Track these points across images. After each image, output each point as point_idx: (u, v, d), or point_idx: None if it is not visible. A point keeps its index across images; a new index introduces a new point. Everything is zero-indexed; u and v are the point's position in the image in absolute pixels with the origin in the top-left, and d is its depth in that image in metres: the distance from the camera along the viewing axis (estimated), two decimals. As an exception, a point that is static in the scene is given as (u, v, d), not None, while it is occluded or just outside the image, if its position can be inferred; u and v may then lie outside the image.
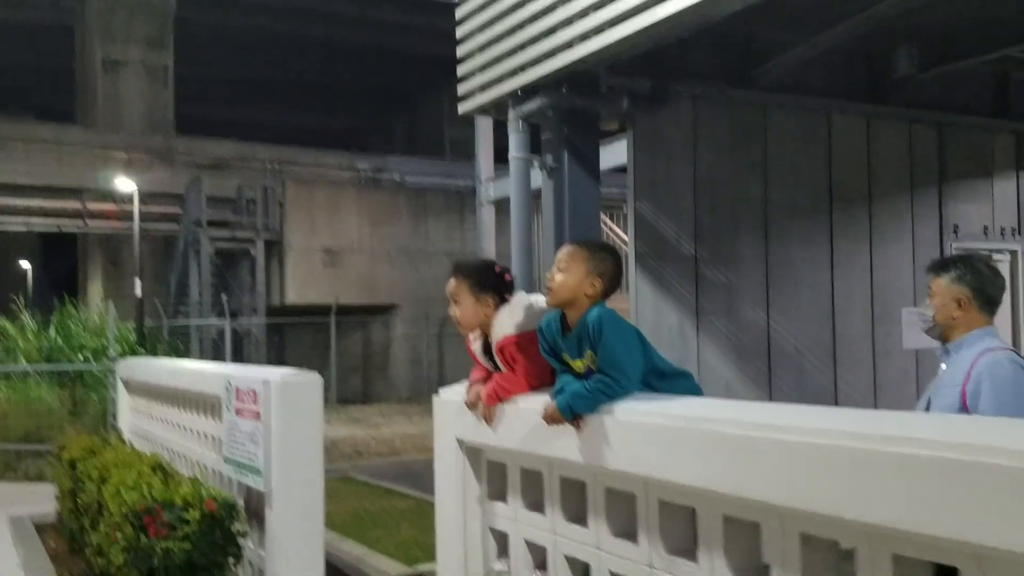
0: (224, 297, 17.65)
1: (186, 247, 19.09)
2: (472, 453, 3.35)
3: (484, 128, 10.75)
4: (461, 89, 6.58)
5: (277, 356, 20.27)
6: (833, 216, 8.26)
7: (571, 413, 2.61)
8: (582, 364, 2.72)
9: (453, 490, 3.38)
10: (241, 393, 5.05)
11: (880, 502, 1.79)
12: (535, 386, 2.96)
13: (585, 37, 5.24)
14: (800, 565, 2.08)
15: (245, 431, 4.96)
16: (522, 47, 5.85)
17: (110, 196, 18.28)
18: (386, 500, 9.27)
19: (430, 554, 7.01)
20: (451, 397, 3.45)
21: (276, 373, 4.74)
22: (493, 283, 3.02)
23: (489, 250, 10.92)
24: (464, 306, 2.98)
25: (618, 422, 2.54)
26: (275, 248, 20.03)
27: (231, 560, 4.70)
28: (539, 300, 3.03)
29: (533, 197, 6.48)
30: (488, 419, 3.00)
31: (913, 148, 8.97)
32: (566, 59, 5.50)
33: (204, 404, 5.84)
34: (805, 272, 7.93)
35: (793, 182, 7.95)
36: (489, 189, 10.56)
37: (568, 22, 5.39)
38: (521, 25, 5.83)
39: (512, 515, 3.16)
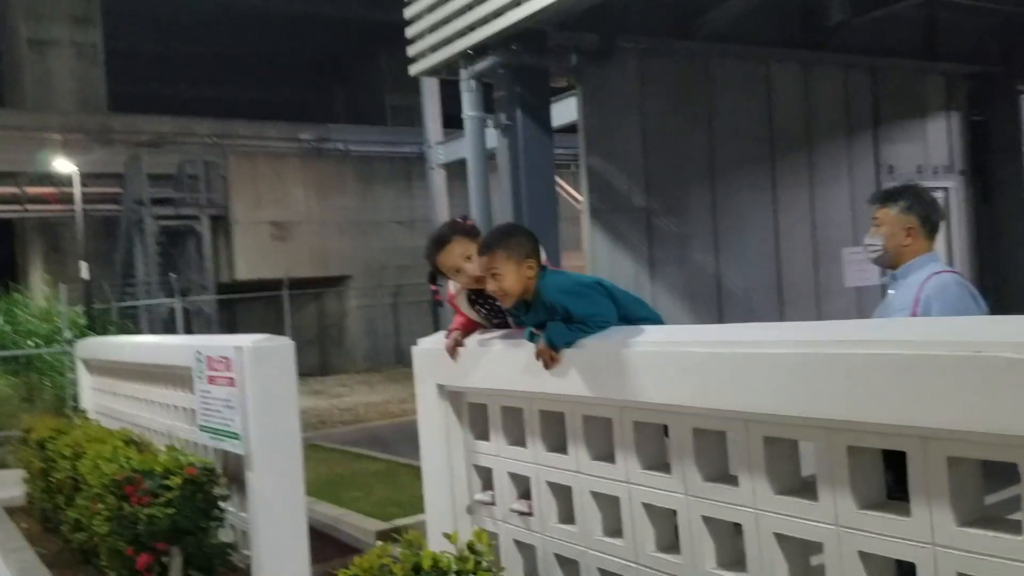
0: (172, 276, 17.46)
1: (129, 227, 18.79)
2: (454, 397, 3.52)
3: (431, 91, 10.78)
4: (411, 51, 6.65)
5: (229, 333, 20.11)
6: (775, 162, 8.53)
7: (553, 347, 2.79)
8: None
9: (437, 433, 3.55)
10: (213, 361, 5.14)
11: (834, 399, 2.00)
12: None
13: (532, -6, 5.37)
14: (765, 467, 2.30)
15: (220, 398, 5.05)
16: (470, 6, 5.93)
17: (48, 179, 17.88)
18: (357, 464, 9.42)
19: (406, 510, 7.25)
20: (430, 346, 3.61)
21: (248, 339, 4.83)
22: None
23: (442, 214, 11.02)
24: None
25: (593, 353, 2.73)
26: (221, 224, 19.81)
27: (214, 524, 4.82)
28: None
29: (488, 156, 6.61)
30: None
31: (848, 92, 9.26)
32: (515, 16, 5.61)
33: (173, 377, 5.90)
34: (751, 217, 8.20)
35: (737, 130, 8.18)
36: (439, 153, 10.62)
37: (515, -20, 5.50)
38: (469, -16, 5.91)
39: (495, 451, 3.34)
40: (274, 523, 4.75)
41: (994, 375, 1.68)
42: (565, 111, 7.07)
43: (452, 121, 12.00)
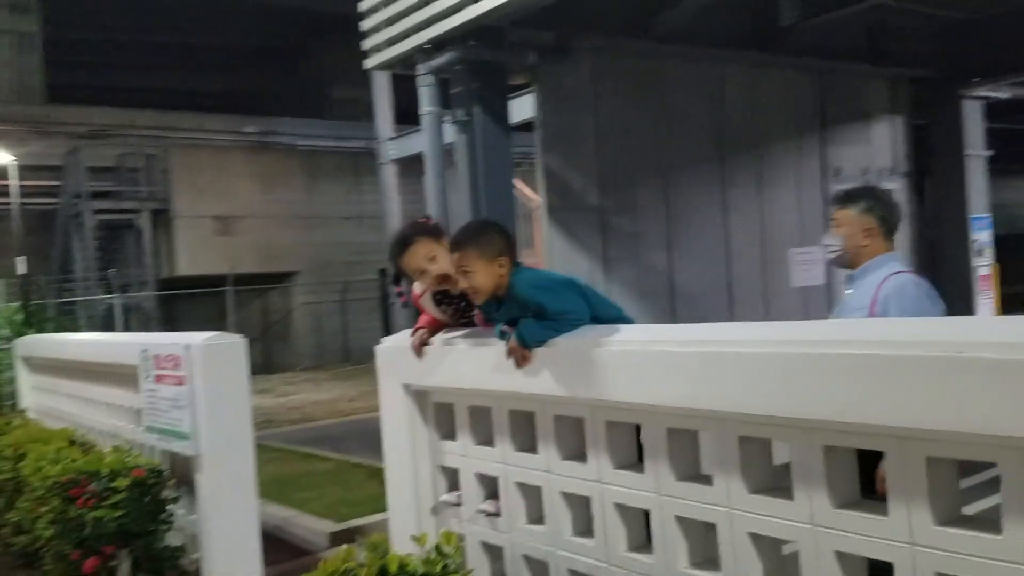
0: (111, 271, 17.03)
1: (67, 221, 18.27)
2: (418, 396, 3.47)
3: (382, 86, 10.67)
4: (366, 44, 6.55)
5: (169, 330, 19.70)
6: (725, 162, 8.62)
7: (525, 344, 2.77)
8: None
9: (401, 433, 3.51)
10: (161, 360, 5.02)
11: (813, 399, 2.02)
12: None
13: (493, -10, 5.33)
14: (740, 466, 2.31)
15: (168, 397, 4.94)
16: (427, 1, 5.88)
17: (-20, 171, 17.28)
18: (306, 464, 9.30)
19: (359, 510, 7.18)
20: (394, 345, 3.56)
21: (198, 336, 4.74)
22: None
23: (394, 210, 10.92)
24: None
25: (566, 352, 2.71)
26: (162, 217, 19.38)
27: (163, 527, 4.73)
28: None
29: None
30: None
31: (796, 95, 9.40)
32: (473, 12, 5.57)
33: (118, 375, 5.76)
34: (702, 217, 8.28)
35: (688, 130, 8.24)
36: (390, 148, 10.52)
37: (475, -25, 5.46)
38: (426, -21, 5.85)
39: (462, 451, 3.31)
40: (225, 525, 4.67)
41: (976, 376, 1.70)
42: (518, 109, 7.06)
43: (402, 116, 11.93)
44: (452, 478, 3.44)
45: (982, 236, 10.08)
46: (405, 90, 11.63)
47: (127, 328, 17.18)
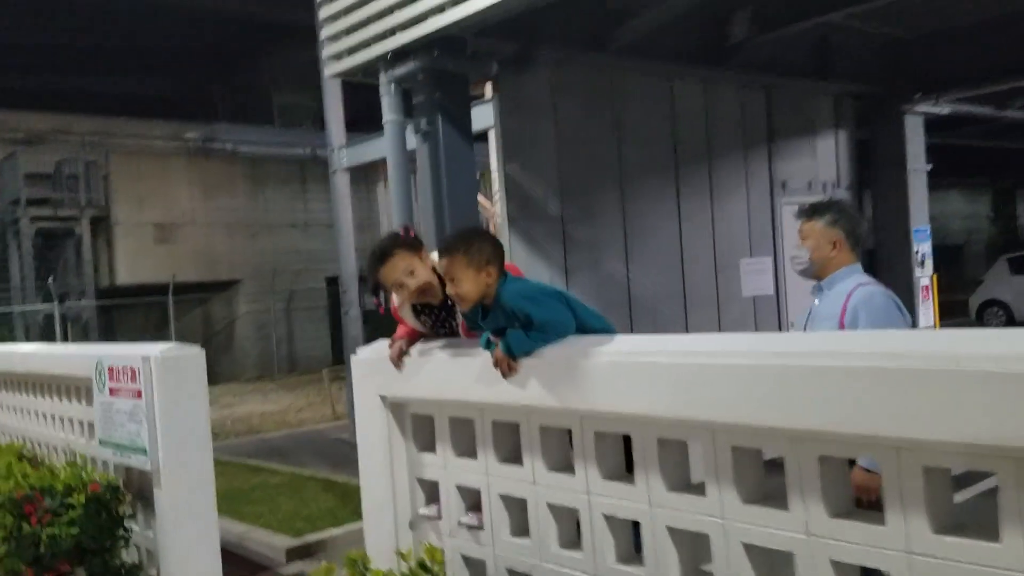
0: (50, 280, 16.54)
1: (4, 229, 17.70)
2: (396, 408, 3.45)
3: (334, 93, 10.58)
4: (326, 52, 6.50)
5: (108, 340, 19.19)
6: (679, 173, 8.77)
7: (512, 355, 2.77)
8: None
9: (378, 445, 3.47)
10: (116, 372, 4.92)
11: (810, 410, 2.06)
12: None
13: (458, 1, 5.33)
14: (733, 476, 2.34)
15: (124, 410, 4.84)
16: (391, 11, 5.85)
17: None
18: (257, 477, 9.13)
19: (315, 525, 7.08)
20: (371, 355, 3.52)
21: (155, 348, 4.65)
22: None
23: (346, 218, 10.83)
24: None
25: (554, 362, 2.72)
26: (102, 225, 18.88)
27: (119, 543, 4.64)
28: None
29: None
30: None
31: (745, 109, 9.62)
32: (439, 23, 5.56)
33: (69, 388, 5.61)
34: (658, 226, 8.41)
35: (643, 141, 8.37)
36: (342, 156, 10.43)
37: (440, -15, 5.46)
38: (390, -12, 5.83)
39: (442, 463, 3.29)
40: (185, 541, 4.58)
41: (974, 387, 1.76)
42: (480, 119, 7.08)
43: (349, 124, 11.84)
44: (430, 491, 3.42)
45: (923, 247, 10.40)
46: (352, 98, 11.60)
47: (65, 338, 16.69)
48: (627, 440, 2.73)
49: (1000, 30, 9.80)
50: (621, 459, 2.75)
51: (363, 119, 11.45)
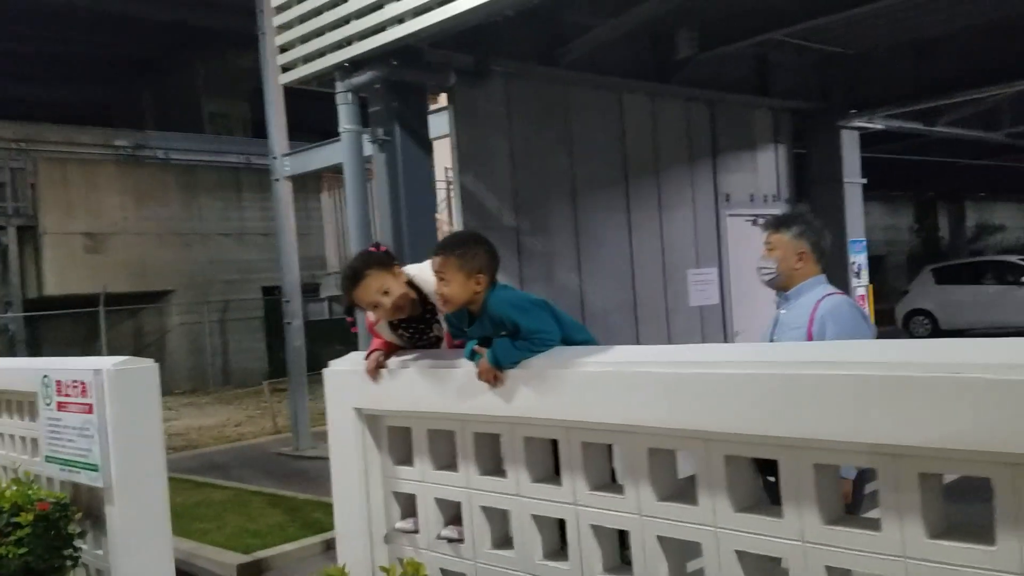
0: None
1: (-78, 237, 16.96)
2: (371, 421, 3.41)
3: (276, 101, 10.45)
4: (281, 60, 6.41)
5: (34, 353, 18.51)
6: (628, 185, 8.89)
7: (498, 365, 2.77)
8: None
9: (352, 459, 3.42)
10: (64, 386, 4.78)
11: (806, 419, 2.11)
12: None
13: (418, 12, 5.32)
14: (727, 485, 2.38)
15: (73, 426, 4.71)
16: (347, 20, 5.81)
17: None
18: (200, 493, 8.91)
19: (264, 541, 6.95)
20: (345, 367, 3.48)
21: (107, 362, 4.54)
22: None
23: (289, 227, 10.69)
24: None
25: (541, 372, 2.73)
26: (29, 234, 18.24)
27: (69, 563, 4.51)
28: None
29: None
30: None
31: (690, 123, 9.81)
32: (397, 33, 5.54)
33: (10, 404, 5.42)
34: (609, 238, 8.50)
35: (594, 154, 8.47)
36: (285, 164, 10.30)
37: (399, -4, 5.45)
38: (346, -2, 5.79)
39: (419, 476, 3.26)
40: (138, 560, 4.47)
41: (972, 396, 1.83)
42: (434, 129, 7.07)
43: (297, 131, 11.70)
44: (405, 504, 3.38)
45: (859, 258, 10.72)
46: (295, 106, 11.47)
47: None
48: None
49: (932, 49, 10.21)
50: (607, 469, 2.77)
51: (295, 127, 11.34)
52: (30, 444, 5.20)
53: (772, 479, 2.33)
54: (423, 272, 3.11)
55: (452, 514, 3.20)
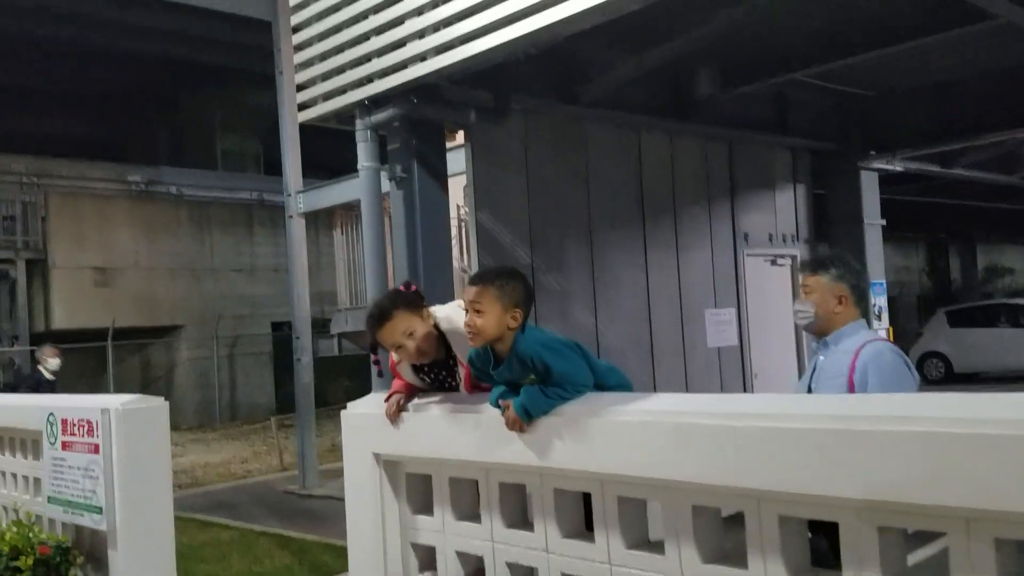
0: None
1: (-68, 269, 16.95)
2: (390, 466, 3.25)
3: (292, 138, 10.42)
4: (301, 98, 6.35)
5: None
6: (645, 224, 8.79)
7: (527, 416, 2.62)
8: (527, 383, 2.72)
9: (369, 507, 3.26)
10: (70, 425, 4.65)
11: (863, 477, 1.95)
12: None
13: (441, 50, 5.25)
14: (779, 546, 2.20)
15: (78, 466, 4.57)
16: (369, 58, 5.75)
17: None
18: (205, 533, 8.70)
19: (272, 585, 6.73)
20: (364, 410, 3.33)
21: (115, 400, 4.40)
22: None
23: (302, 264, 10.59)
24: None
25: (574, 421, 2.57)
26: (39, 268, 18.22)
27: (68, 609, 4.35)
28: None
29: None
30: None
31: (709, 162, 9.73)
32: (419, 71, 5.47)
33: (13, 442, 5.28)
34: (625, 276, 8.38)
35: (611, 192, 8.38)
36: (299, 201, 10.24)
37: (420, 35, 5.38)
38: (367, 36, 5.73)
39: (440, 527, 3.09)
40: (142, 608, 4.29)
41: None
42: (452, 165, 6.99)
43: (311, 167, 11.65)
44: (424, 557, 3.21)
45: (880, 300, 10.55)
46: (310, 143, 11.43)
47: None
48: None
49: (952, 91, 10.13)
50: (646, 526, 2.60)
51: (305, 163, 11.29)
52: (32, 484, 5.05)
53: (826, 543, 2.16)
54: (451, 315, 2.98)
55: (474, 568, 3.02)
